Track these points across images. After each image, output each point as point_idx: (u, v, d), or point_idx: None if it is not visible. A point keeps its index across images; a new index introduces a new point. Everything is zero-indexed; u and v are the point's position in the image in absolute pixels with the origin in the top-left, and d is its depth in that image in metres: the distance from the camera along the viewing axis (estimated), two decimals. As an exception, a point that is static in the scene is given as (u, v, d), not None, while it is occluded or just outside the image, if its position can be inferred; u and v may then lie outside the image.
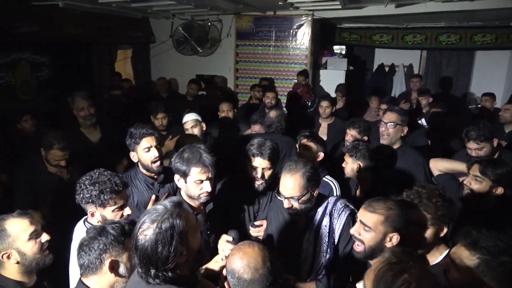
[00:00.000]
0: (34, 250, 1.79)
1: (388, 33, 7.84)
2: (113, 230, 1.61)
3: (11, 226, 1.77)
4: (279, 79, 6.82)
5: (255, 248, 1.42)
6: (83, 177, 2.02)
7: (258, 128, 4.06)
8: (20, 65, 4.70)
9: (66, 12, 4.79)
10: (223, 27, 6.82)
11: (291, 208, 2.06)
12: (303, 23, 6.43)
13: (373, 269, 1.33)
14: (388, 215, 1.72)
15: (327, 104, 4.55)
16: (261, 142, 2.40)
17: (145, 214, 1.43)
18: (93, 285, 1.58)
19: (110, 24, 5.87)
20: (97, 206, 1.96)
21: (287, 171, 2.05)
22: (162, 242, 1.35)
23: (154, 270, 1.38)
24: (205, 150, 2.10)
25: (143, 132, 2.52)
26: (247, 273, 1.36)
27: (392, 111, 3.19)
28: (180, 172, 2.08)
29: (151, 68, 7.38)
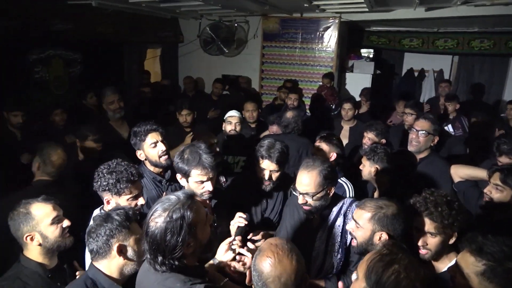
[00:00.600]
0: (56, 234, 1.88)
1: (418, 37, 7.67)
2: (118, 216, 1.67)
3: (35, 210, 1.87)
4: (304, 81, 6.81)
5: (293, 261, 1.33)
6: (101, 166, 2.10)
7: (275, 129, 4.09)
8: (54, 61, 4.93)
9: (98, 11, 4.98)
10: (250, 28, 6.88)
11: (305, 204, 2.08)
12: (330, 25, 6.40)
13: (365, 260, 1.37)
14: (375, 214, 1.75)
15: (350, 106, 4.52)
16: (271, 144, 2.42)
17: (159, 202, 1.49)
18: (104, 269, 1.65)
19: (140, 23, 6.04)
20: (112, 194, 2.04)
21: (304, 167, 2.09)
22: (171, 231, 1.41)
23: (161, 257, 1.43)
24: (205, 151, 2.13)
25: (148, 128, 2.55)
26: (275, 285, 1.32)
27: (426, 119, 3.05)
28: (181, 172, 2.14)
29: (179, 67, 7.54)
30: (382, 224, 1.73)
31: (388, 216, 1.73)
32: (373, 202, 1.81)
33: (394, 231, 1.72)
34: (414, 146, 3.03)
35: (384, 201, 1.79)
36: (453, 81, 7.89)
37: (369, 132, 3.44)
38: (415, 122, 3.12)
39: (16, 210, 1.88)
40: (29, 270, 1.83)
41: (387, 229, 1.73)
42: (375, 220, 1.74)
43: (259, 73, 7.07)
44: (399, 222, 1.73)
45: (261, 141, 2.47)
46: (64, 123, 4.19)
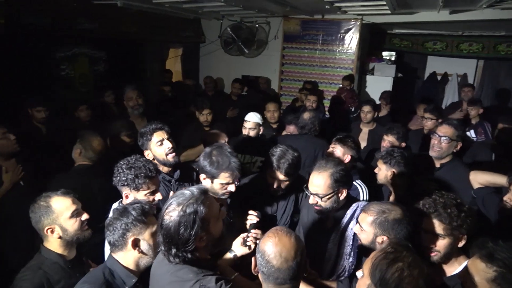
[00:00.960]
0: (75, 227, 1.94)
1: (442, 40, 7.55)
2: (134, 210, 1.72)
3: (55, 203, 1.92)
4: (324, 83, 6.79)
5: (292, 239, 1.44)
6: (121, 161, 2.16)
7: (292, 129, 4.11)
8: (79, 59, 5.07)
9: (123, 11, 5.10)
10: (271, 29, 6.91)
11: (316, 205, 2.11)
12: (351, 27, 6.37)
13: (370, 257, 1.41)
14: (377, 218, 1.76)
15: (369, 109, 4.49)
16: (282, 153, 2.38)
17: (173, 197, 1.55)
18: (121, 260, 1.72)
19: (163, 23, 6.15)
20: (131, 189, 2.09)
21: (316, 168, 2.11)
22: (184, 224, 1.46)
23: (175, 249, 1.49)
24: (232, 153, 2.16)
25: (153, 128, 2.58)
26: (277, 260, 1.39)
27: (449, 125, 2.95)
28: (208, 174, 2.14)
29: (200, 67, 7.64)
30: (383, 228, 1.75)
31: (389, 221, 1.74)
32: (377, 206, 1.82)
33: (396, 236, 1.73)
34: (435, 151, 2.97)
35: (388, 206, 1.81)
36: (478, 86, 7.71)
37: (390, 135, 3.40)
38: (438, 128, 3.03)
39: (36, 203, 1.93)
40: (49, 261, 1.89)
41: (388, 233, 1.75)
42: (376, 224, 1.77)
43: (279, 74, 7.09)
44: (401, 227, 1.74)
45: (274, 148, 2.45)
46: (89, 119, 4.32)
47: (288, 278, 1.40)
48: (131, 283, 1.70)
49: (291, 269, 1.39)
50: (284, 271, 1.39)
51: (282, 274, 1.40)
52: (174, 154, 2.57)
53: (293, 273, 1.40)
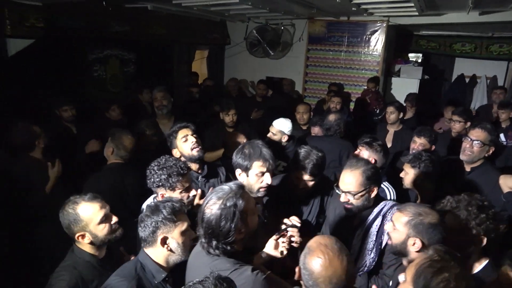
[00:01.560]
0: (104, 232, 1.94)
1: (470, 42, 7.38)
2: (164, 209, 1.75)
3: (83, 212, 1.91)
4: (349, 85, 6.77)
5: (344, 262, 1.35)
6: (152, 163, 2.22)
7: (317, 130, 4.13)
8: (110, 61, 5.27)
9: (152, 14, 5.26)
10: (296, 31, 6.95)
11: (347, 203, 2.13)
12: (378, 29, 6.33)
13: (415, 263, 1.36)
14: (412, 219, 1.75)
15: (392, 109, 4.46)
16: (306, 154, 2.40)
17: (212, 192, 1.63)
18: (151, 255, 1.78)
19: (191, 25, 6.30)
20: (166, 189, 2.15)
21: (348, 167, 2.14)
22: (225, 217, 1.54)
23: (215, 241, 1.57)
24: (264, 145, 2.21)
25: (179, 126, 2.72)
26: (326, 285, 1.34)
27: (482, 129, 2.89)
28: (242, 167, 2.18)
29: (225, 69, 7.75)
30: (417, 231, 1.73)
31: (425, 224, 1.72)
32: (414, 207, 1.81)
33: (429, 240, 1.71)
34: (466, 155, 2.92)
35: (425, 209, 1.78)
36: (508, 89, 7.49)
37: (422, 138, 3.35)
38: (470, 131, 2.98)
39: (65, 210, 1.94)
40: (82, 260, 1.93)
41: (422, 236, 1.72)
42: (411, 225, 1.75)
43: (303, 76, 7.11)
44: (436, 232, 1.71)
45: (298, 149, 2.49)
46: (120, 118, 4.48)
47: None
48: (160, 277, 1.75)
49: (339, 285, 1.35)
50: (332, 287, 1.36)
51: None
52: (198, 148, 2.65)
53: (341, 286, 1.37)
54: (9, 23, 3.67)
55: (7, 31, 3.67)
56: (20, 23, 3.76)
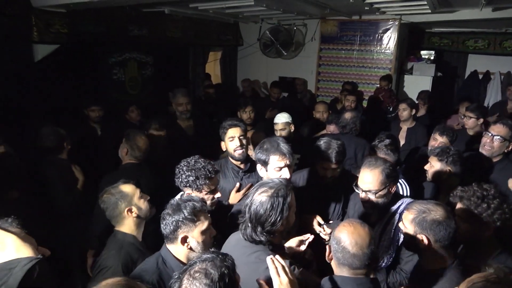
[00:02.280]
0: (145, 204, 2.21)
1: (484, 38, 7.35)
2: (185, 209, 1.80)
3: (126, 188, 2.19)
4: (361, 83, 6.83)
5: (366, 229, 1.56)
6: (181, 163, 2.30)
7: (333, 128, 4.21)
8: (129, 64, 5.42)
9: (169, 17, 5.41)
10: (308, 31, 7.03)
11: (367, 201, 2.20)
12: (390, 27, 6.38)
13: (467, 280, 1.28)
14: (416, 217, 1.78)
15: (404, 106, 4.52)
16: (327, 144, 2.50)
17: (262, 183, 1.73)
18: (172, 251, 1.86)
19: (205, 28, 6.44)
20: (193, 190, 2.24)
21: (366, 166, 2.20)
22: (275, 206, 1.64)
23: (261, 228, 1.66)
24: (283, 141, 2.30)
25: (230, 123, 2.82)
26: (353, 247, 1.51)
27: (504, 125, 2.98)
28: (261, 161, 2.29)
29: (238, 69, 7.87)
30: (422, 228, 1.76)
31: (427, 221, 1.74)
32: (419, 205, 1.83)
33: (435, 236, 1.73)
34: (486, 150, 2.99)
35: (430, 205, 1.79)
36: (523, 84, 7.46)
37: (444, 137, 3.38)
38: (492, 126, 3.05)
39: (106, 194, 2.17)
40: (127, 242, 2.12)
41: (427, 233, 1.74)
42: (415, 223, 1.78)
43: (316, 75, 7.19)
44: (440, 227, 1.72)
45: (317, 142, 2.58)
46: (139, 119, 4.63)
47: (363, 264, 1.52)
48: None
49: (366, 256, 1.51)
50: (360, 258, 1.51)
51: (357, 260, 1.51)
52: (240, 151, 2.77)
53: (368, 259, 1.51)
54: (36, 29, 3.83)
55: (34, 38, 3.84)
56: (46, 29, 3.92)
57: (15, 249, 1.13)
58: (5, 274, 1.05)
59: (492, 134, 2.95)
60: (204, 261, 1.31)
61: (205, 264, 1.29)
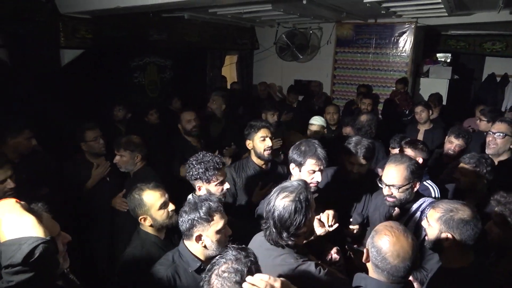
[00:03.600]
0: (163, 217, 2.24)
1: (501, 40, 7.29)
2: (201, 208, 1.85)
3: (146, 197, 2.22)
4: (377, 86, 6.85)
5: (409, 239, 1.52)
6: (191, 158, 2.41)
7: (349, 130, 4.27)
8: (149, 67, 5.56)
9: (188, 22, 5.53)
10: (323, 34, 7.09)
11: (390, 196, 2.24)
12: (406, 30, 6.39)
13: None
14: (443, 215, 1.80)
15: (421, 108, 4.55)
16: (358, 141, 2.61)
17: (281, 188, 1.75)
18: (188, 247, 1.93)
19: (222, 32, 6.56)
20: (203, 182, 2.33)
21: (392, 161, 2.26)
22: (298, 209, 1.66)
23: (286, 233, 1.68)
24: (319, 145, 2.36)
25: (262, 124, 2.92)
26: (394, 259, 1.49)
27: (502, 122, 3.09)
28: (296, 162, 2.34)
29: (253, 73, 7.97)
30: (448, 226, 1.77)
31: (455, 220, 1.75)
32: (446, 204, 1.84)
33: (461, 235, 1.74)
34: (491, 148, 3.05)
35: (457, 205, 1.81)
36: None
37: (460, 139, 3.40)
38: (492, 126, 3.14)
39: (132, 195, 2.26)
40: (149, 241, 2.23)
41: (453, 232, 1.75)
42: (442, 221, 1.79)
43: (331, 78, 7.24)
44: (467, 227, 1.73)
45: (349, 139, 2.68)
46: (157, 122, 4.75)
47: (402, 275, 1.52)
48: (195, 266, 1.87)
49: (407, 268, 1.50)
50: (399, 269, 1.50)
51: (397, 271, 1.51)
52: (269, 152, 2.88)
53: (408, 271, 1.51)
54: (63, 35, 3.99)
55: (61, 43, 4.00)
56: (72, 35, 4.07)
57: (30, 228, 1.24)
58: (15, 249, 1.17)
59: (493, 132, 3.03)
60: (230, 260, 1.34)
61: (231, 263, 1.32)
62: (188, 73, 6.12)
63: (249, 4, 4.57)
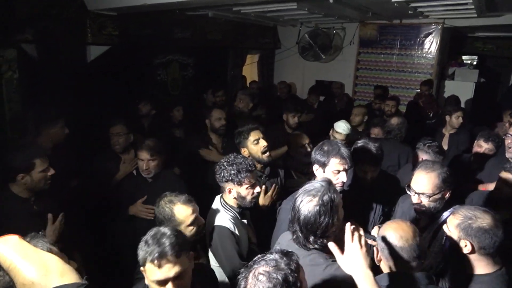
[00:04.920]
0: (192, 233, 2.13)
1: (531, 43, 7.09)
2: None
3: (178, 213, 2.09)
4: (401, 88, 6.72)
5: (408, 223, 1.66)
6: (222, 160, 2.36)
7: (377, 131, 4.19)
8: (172, 65, 5.58)
9: (211, 20, 5.53)
10: (346, 34, 7.00)
11: (419, 204, 2.16)
12: (432, 31, 6.26)
13: None
14: (462, 222, 1.76)
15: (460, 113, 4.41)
16: (364, 147, 2.55)
17: (303, 191, 1.72)
18: None
19: (245, 31, 6.53)
20: (235, 184, 2.28)
21: (422, 168, 2.18)
22: (324, 213, 1.62)
23: (313, 237, 1.66)
24: (343, 144, 2.33)
25: (250, 127, 2.88)
26: (399, 241, 1.59)
27: None
28: (320, 162, 2.30)
29: (274, 72, 7.93)
30: (466, 233, 1.73)
31: (473, 228, 1.71)
32: (465, 211, 1.80)
33: (480, 243, 1.71)
34: (511, 152, 3.00)
35: (478, 212, 1.76)
36: None
37: (490, 143, 3.31)
38: (510, 128, 3.11)
39: (161, 206, 2.12)
40: None
41: (471, 240, 1.72)
42: (460, 228, 1.75)
43: (353, 79, 7.14)
44: (486, 235, 1.69)
45: (355, 145, 2.63)
46: (181, 118, 4.78)
47: (411, 256, 1.56)
48: None
49: (413, 248, 1.56)
50: (407, 250, 1.56)
51: (405, 253, 1.56)
52: (268, 154, 2.83)
53: (415, 251, 1.56)
54: (90, 31, 4.03)
55: (89, 39, 4.04)
56: (99, 31, 4.11)
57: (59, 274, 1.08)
58: None
59: (511, 135, 2.98)
60: (269, 263, 1.31)
61: (269, 267, 1.30)
62: (209, 71, 6.13)
63: (274, 3, 4.54)
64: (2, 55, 3.32)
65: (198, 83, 5.96)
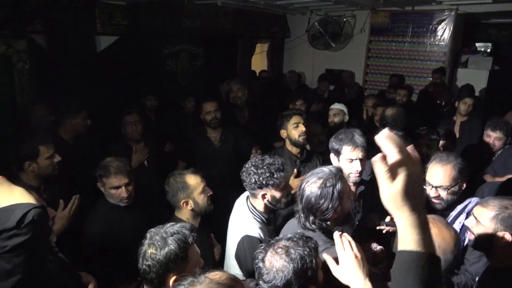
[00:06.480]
0: (204, 201, 2.24)
1: (548, 29, 6.90)
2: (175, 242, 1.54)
3: (190, 180, 2.23)
4: (412, 77, 6.61)
5: (452, 232, 1.49)
6: (246, 165, 2.15)
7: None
8: (181, 55, 5.56)
9: (220, 9, 5.49)
10: (357, 22, 6.88)
11: (437, 198, 2.12)
12: (445, 18, 6.11)
13: None
14: (499, 213, 1.69)
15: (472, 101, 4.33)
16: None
17: (313, 173, 1.76)
18: None
19: (254, 20, 6.47)
20: (271, 187, 2.07)
21: (437, 161, 2.14)
22: (324, 196, 1.66)
23: (313, 217, 1.71)
24: (358, 133, 2.28)
25: (293, 112, 3.01)
26: None
27: None
28: (334, 150, 2.30)
29: (284, 61, 7.87)
30: (506, 225, 1.67)
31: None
32: (497, 201, 1.74)
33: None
34: None
35: (509, 201, 1.72)
36: None
37: (497, 131, 3.28)
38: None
39: (172, 180, 2.24)
40: None
41: (511, 230, 1.67)
42: (498, 220, 1.69)
43: (364, 67, 7.05)
44: None
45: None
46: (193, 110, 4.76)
47: (444, 270, 1.41)
48: None
49: (448, 262, 1.46)
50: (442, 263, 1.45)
51: None
52: (305, 137, 2.90)
53: (450, 265, 1.48)
54: (99, 21, 4.04)
55: (98, 29, 4.05)
56: (108, 21, 4.12)
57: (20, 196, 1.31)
58: (9, 214, 1.23)
59: None
60: (289, 240, 1.41)
61: (289, 243, 1.39)
62: (219, 61, 6.09)
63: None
64: (13, 46, 3.35)
65: (207, 72, 5.93)
